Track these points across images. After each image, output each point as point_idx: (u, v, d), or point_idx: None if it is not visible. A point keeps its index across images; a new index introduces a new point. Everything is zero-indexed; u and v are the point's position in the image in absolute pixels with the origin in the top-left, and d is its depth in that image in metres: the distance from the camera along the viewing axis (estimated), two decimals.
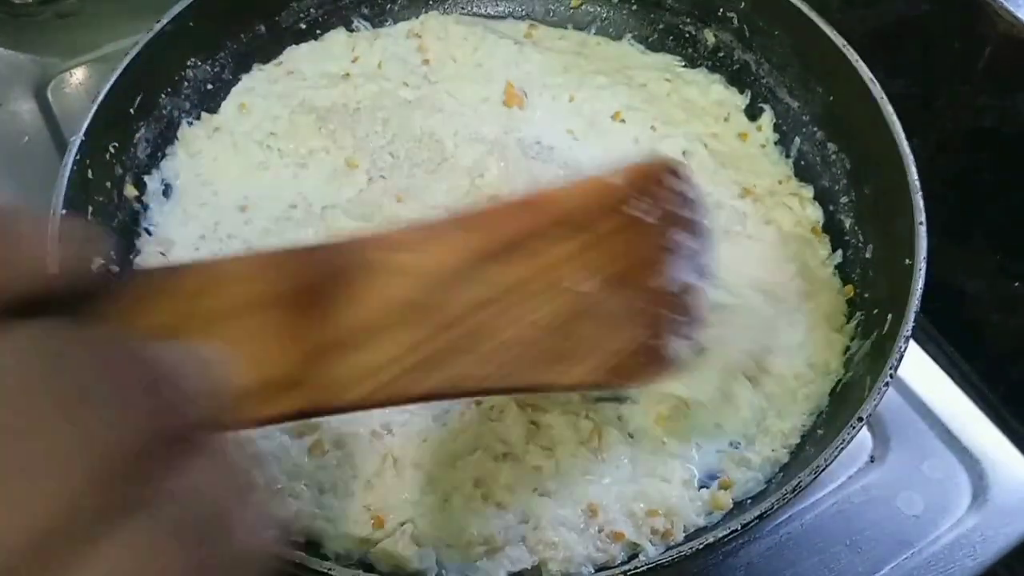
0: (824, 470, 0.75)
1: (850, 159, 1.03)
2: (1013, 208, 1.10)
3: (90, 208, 0.93)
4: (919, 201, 0.88)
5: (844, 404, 0.86)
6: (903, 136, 0.92)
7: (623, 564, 0.77)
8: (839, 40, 1.00)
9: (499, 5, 1.24)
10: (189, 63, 1.09)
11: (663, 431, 0.88)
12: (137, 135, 1.03)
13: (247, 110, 1.10)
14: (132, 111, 1.02)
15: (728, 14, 1.13)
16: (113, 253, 0.94)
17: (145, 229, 1.01)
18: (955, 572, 0.92)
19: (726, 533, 0.73)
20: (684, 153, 1.07)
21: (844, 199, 1.02)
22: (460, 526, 0.80)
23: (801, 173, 1.07)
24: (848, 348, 0.92)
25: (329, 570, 0.71)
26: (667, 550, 0.79)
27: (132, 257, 0.97)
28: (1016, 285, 1.13)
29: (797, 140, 1.08)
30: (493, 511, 0.81)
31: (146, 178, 1.03)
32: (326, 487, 0.83)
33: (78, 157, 0.91)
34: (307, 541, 0.81)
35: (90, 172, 0.93)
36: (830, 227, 1.02)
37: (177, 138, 1.07)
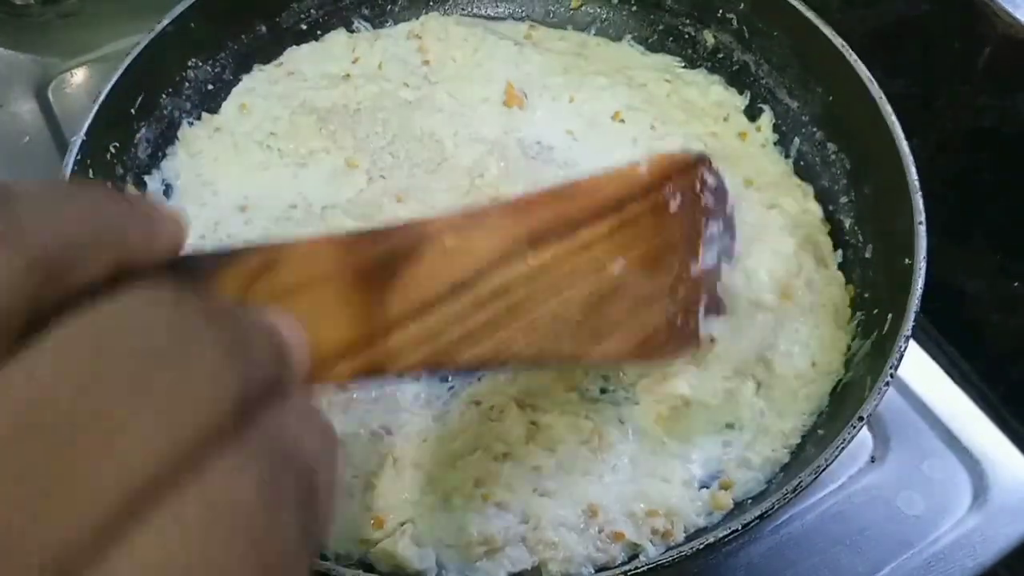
0: (825, 470, 0.75)
1: (850, 159, 1.03)
2: (1013, 208, 1.10)
3: None
4: (919, 201, 0.88)
5: (844, 404, 0.86)
6: (903, 136, 0.92)
7: (623, 564, 0.77)
8: (838, 40, 1.00)
9: (499, 6, 1.24)
10: (190, 63, 1.09)
11: (663, 431, 0.88)
12: (138, 135, 1.03)
13: (248, 110, 1.10)
14: (133, 111, 1.02)
15: (727, 15, 1.13)
16: None
17: None
18: (956, 572, 0.92)
19: (726, 533, 0.73)
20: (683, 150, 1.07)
21: (844, 199, 1.02)
22: (460, 526, 0.80)
23: (801, 173, 1.07)
24: (849, 348, 0.92)
25: (329, 570, 0.71)
26: (667, 550, 0.78)
27: None
28: (1016, 285, 1.13)
29: (796, 140, 1.08)
30: (493, 511, 0.81)
31: (146, 178, 1.03)
32: None
33: (79, 157, 0.91)
34: None
35: (91, 172, 0.93)
36: (830, 227, 1.02)
37: (178, 138, 1.08)
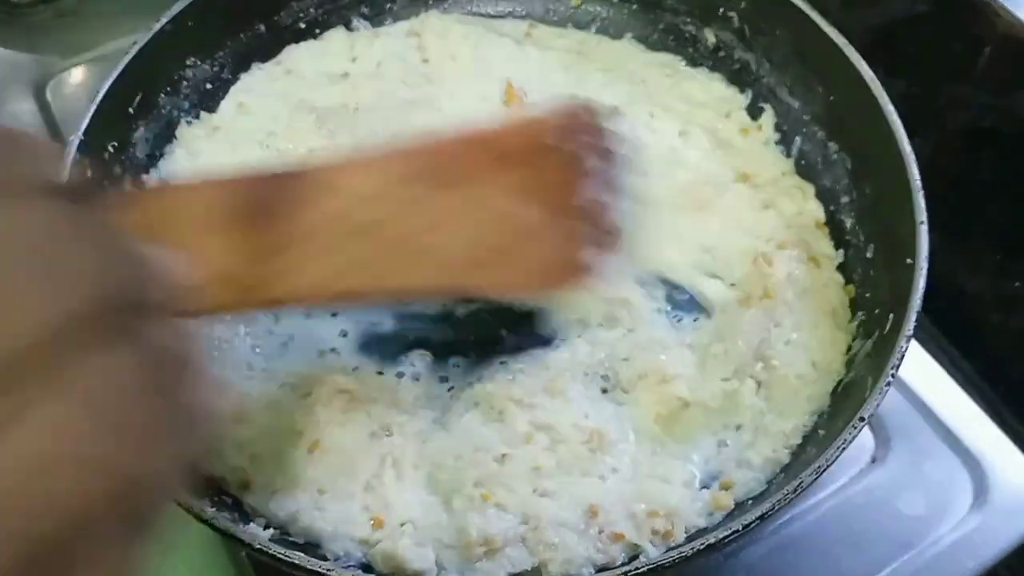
0: (825, 470, 0.75)
1: (851, 159, 1.03)
2: (1013, 208, 1.10)
3: None
4: (920, 200, 0.88)
5: (845, 404, 0.86)
6: (904, 136, 0.92)
7: (624, 565, 0.77)
8: (840, 40, 0.99)
9: (499, 5, 1.24)
10: (188, 62, 1.08)
11: (663, 431, 0.88)
12: (136, 134, 1.03)
13: (246, 109, 1.10)
14: (131, 110, 1.02)
15: (728, 14, 1.13)
16: None
17: None
18: (956, 573, 0.92)
19: (727, 534, 0.73)
20: (681, 134, 1.07)
21: (845, 199, 1.02)
22: (460, 526, 0.80)
23: (802, 172, 1.07)
24: (850, 348, 0.92)
25: (328, 571, 0.71)
26: (668, 551, 0.78)
27: None
28: (1016, 285, 1.13)
29: (798, 139, 1.08)
30: (493, 512, 0.81)
31: (145, 177, 1.03)
32: (325, 488, 0.83)
33: (77, 157, 0.91)
34: (306, 542, 0.81)
35: (89, 172, 0.93)
36: (831, 227, 1.02)
37: (176, 137, 1.07)
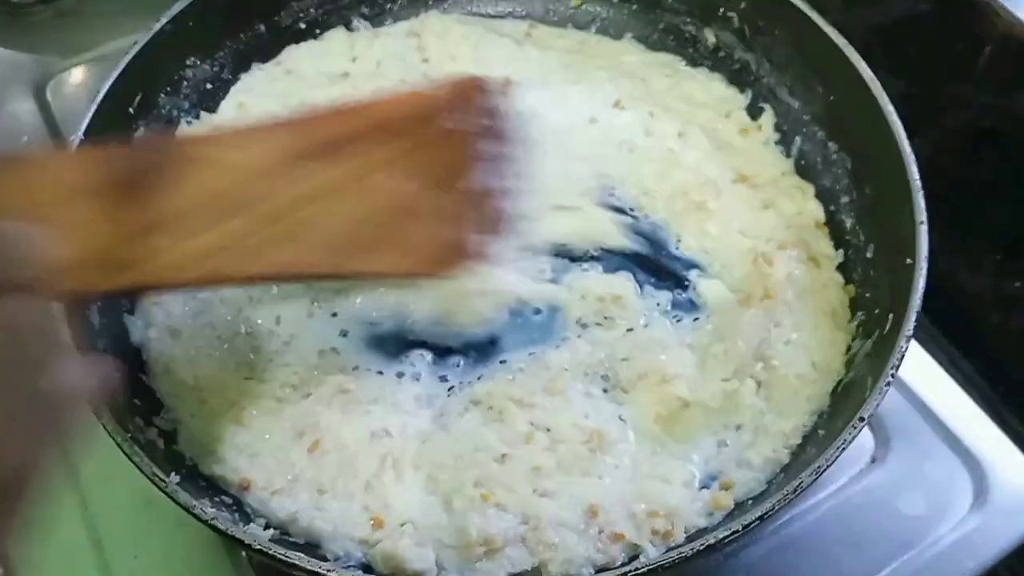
0: (825, 471, 0.75)
1: (851, 159, 1.03)
2: (1013, 208, 1.10)
3: None
4: (920, 200, 0.88)
5: (845, 404, 0.86)
6: (904, 136, 0.92)
7: (623, 565, 0.77)
8: (840, 40, 1.00)
9: (499, 5, 1.24)
10: (188, 62, 1.08)
11: (663, 431, 0.88)
12: (136, 135, 1.02)
13: (246, 109, 1.09)
14: (131, 110, 1.02)
15: (728, 14, 1.13)
16: None
17: None
18: (956, 573, 0.91)
19: (727, 534, 0.73)
20: (680, 134, 1.07)
21: (845, 199, 1.02)
22: (460, 527, 0.80)
23: (802, 172, 1.07)
24: (849, 348, 0.92)
25: (328, 571, 0.71)
26: (668, 551, 0.78)
27: None
28: (1016, 285, 1.13)
29: (798, 139, 1.08)
30: (493, 512, 0.81)
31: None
32: (325, 488, 0.83)
33: None
34: (306, 542, 0.81)
35: None
36: (831, 226, 1.02)
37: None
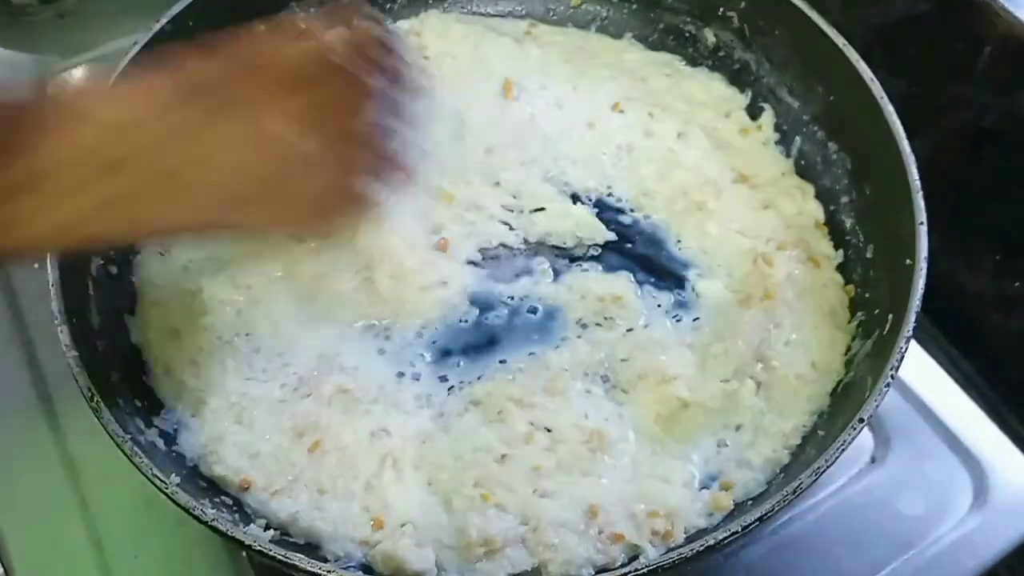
0: (825, 471, 0.75)
1: (851, 159, 1.03)
2: (1013, 208, 1.10)
3: None
4: (920, 201, 0.88)
5: (845, 404, 0.86)
6: (903, 136, 0.92)
7: (623, 566, 0.77)
8: (839, 40, 0.99)
9: (499, 4, 1.24)
10: None
11: (663, 431, 0.88)
12: None
13: None
14: None
15: (728, 14, 1.13)
16: (112, 252, 0.94)
17: None
18: (956, 573, 0.92)
19: (727, 534, 0.73)
20: (679, 135, 1.07)
21: (845, 199, 1.02)
22: (460, 527, 0.80)
23: (802, 172, 1.07)
24: (849, 348, 0.92)
25: (328, 572, 0.71)
26: (668, 552, 0.78)
27: (131, 257, 0.97)
28: (1016, 285, 1.13)
29: (798, 139, 1.08)
30: (493, 512, 0.81)
31: None
32: (326, 488, 0.83)
33: None
34: (306, 543, 0.81)
35: None
36: (831, 227, 1.02)
37: None
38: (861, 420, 0.77)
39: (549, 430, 0.87)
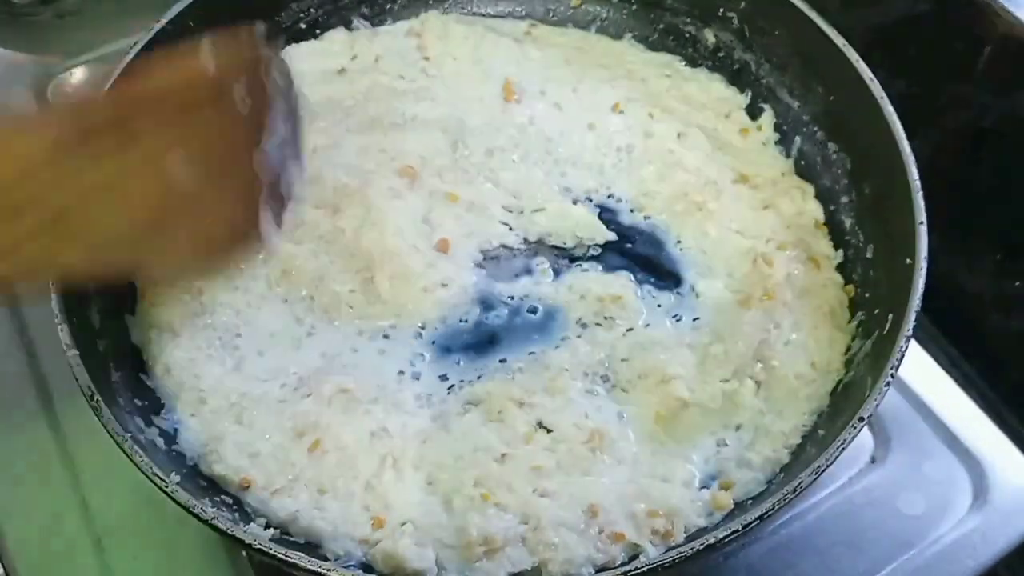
0: (825, 470, 0.75)
1: (850, 159, 1.03)
2: (1013, 208, 1.10)
3: None
4: (920, 201, 0.88)
5: (845, 404, 0.86)
6: (903, 136, 0.92)
7: (623, 565, 0.77)
8: (839, 40, 1.00)
9: (499, 5, 1.24)
10: None
11: (663, 431, 0.88)
12: None
13: None
14: None
15: (728, 14, 1.13)
16: None
17: None
18: (956, 572, 0.92)
19: (727, 534, 0.73)
20: (680, 135, 1.07)
21: (844, 199, 1.02)
22: (460, 526, 0.80)
23: (802, 172, 1.07)
24: (849, 348, 0.92)
25: (329, 571, 0.71)
26: (668, 551, 0.78)
27: None
28: (1016, 285, 1.13)
29: (797, 140, 1.08)
30: (493, 511, 0.81)
31: None
32: (326, 488, 0.83)
33: None
34: (306, 542, 0.81)
35: None
36: (831, 227, 1.02)
37: None
38: (861, 420, 0.77)
39: (549, 430, 0.87)
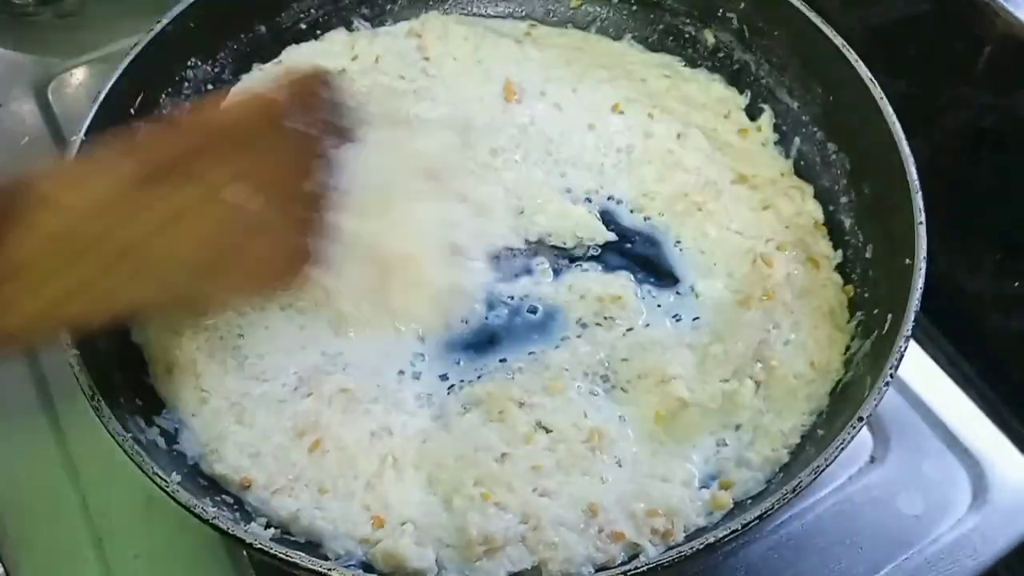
0: (824, 470, 0.75)
1: (850, 159, 1.03)
2: (1013, 208, 1.10)
3: None
4: (919, 201, 0.88)
5: (844, 404, 0.86)
6: (903, 136, 0.92)
7: (623, 564, 0.77)
8: (839, 40, 1.00)
9: (499, 5, 1.24)
10: (189, 63, 1.09)
11: (663, 431, 0.88)
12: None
13: None
14: (133, 111, 1.02)
15: (728, 15, 1.13)
16: None
17: None
18: (955, 572, 0.92)
19: (726, 533, 0.73)
20: (679, 136, 1.07)
21: (844, 199, 1.02)
22: (460, 526, 0.80)
23: (801, 173, 1.07)
24: (848, 347, 0.92)
25: (329, 570, 0.71)
26: (667, 550, 0.78)
27: None
28: (1016, 285, 1.13)
29: (797, 140, 1.08)
30: (493, 511, 0.81)
31: None
32: (326, 487, 0.83)
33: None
34: (307, 541, 0.81)
35: None
36: (830, 227, 1.02)
37: None
38: (860, 419, 0.77)
39: (549, 430, 0.87)
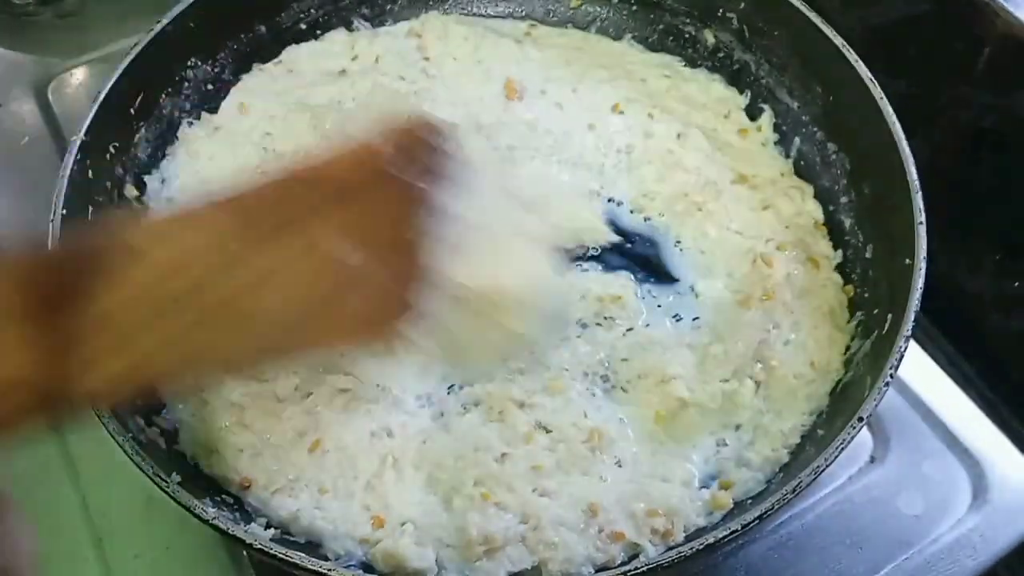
0: (824, 470, 0.75)
1: (850, 159, 1.03)
2: (1013, 208, 1.10)
3: (90, 208, 0.93)
4: (919, 201, 0.88)
5: (844, 404, 0.86)
6: (903, 136, 0.92)
7: (623, 564, 0.77)
8: (839, 40, 1.00)
9: (499, 5, 1.24)
10: (189, 63, 1.09)
11: (663, 431, 0.88)
12: (138, 135, 1.03)
13: (247, 110, 1.10)
14: (133, 111, 1.02)
15: (728, 15, 1.13)
16: None
17: None
18: (955, 572, 0.92)
19: (726, 533, 0.73)
20: (679, 136, 1.07)
21: (844, 199, 1.02)
22: (460, 526, 0.80)
23: (801, 173, 1.07)
24: (848, 347, 0.92)
25: (329, 570, 0.71)
26: (667, 550, 0.79)
27: None
28: (1016, 285, 1.13)
29: (797, 140, 1.08)
30: (493, 511, 0.81)
31: (146, 178, 1.03)
32: (326, 487, 0.83)
33: (79, 157, 0.91)
34: (307, 541, 0.81)
35: (90, 173, 0.93)
36: (830, 227, 1.02)
37: (177, 138, 1.08)
38: (860, 419, 0.77)
39: (549, 430, 0.87)
